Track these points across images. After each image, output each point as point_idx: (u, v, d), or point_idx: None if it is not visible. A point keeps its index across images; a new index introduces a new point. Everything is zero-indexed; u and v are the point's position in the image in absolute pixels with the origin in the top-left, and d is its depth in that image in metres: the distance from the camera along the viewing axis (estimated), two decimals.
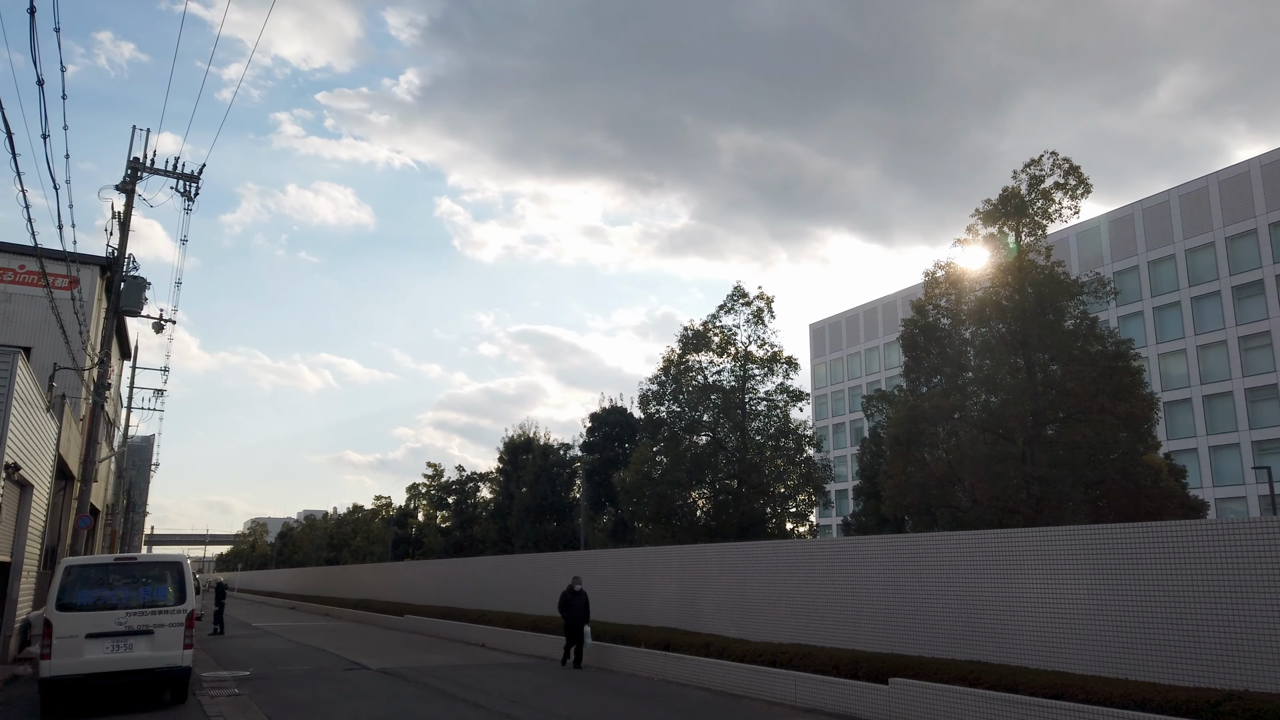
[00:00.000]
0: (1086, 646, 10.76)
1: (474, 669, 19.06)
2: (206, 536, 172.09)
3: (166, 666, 12.68)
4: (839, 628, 14.43)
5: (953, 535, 13.00)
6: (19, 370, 16.92)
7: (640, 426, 35.34)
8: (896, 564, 13.58)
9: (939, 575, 12.82)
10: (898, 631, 13.29)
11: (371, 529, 77.91)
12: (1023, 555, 11.82)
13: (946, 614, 12.61)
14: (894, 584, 13.53)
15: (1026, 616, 11.56)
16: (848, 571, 14.51)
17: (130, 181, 26.62)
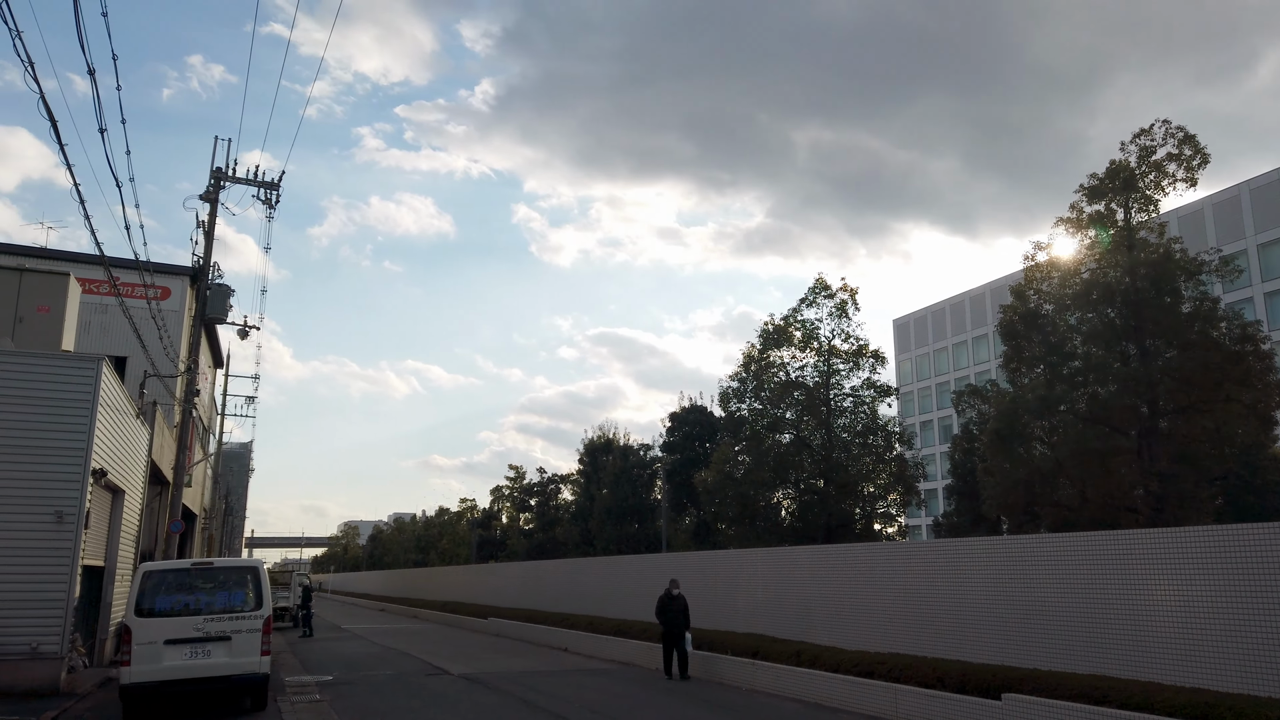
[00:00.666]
0: (1228, 660, 9.60)
1: (556, 675, 18.58)
2: (302, 539, 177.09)
3: (244, 673, 12.49)
4: (941, 636, 13.43)
5: (1071, 536, 11.89)
6: (104, 377, 17.12)
7: (721, 425, 34.50)
8: (1007, 567, 12.52)
9: (1055, 580, 11.74)
10: (1008, 641, 12.24)
11: (457, 531, 78.79)
12: (1149, 558, 10.69)
13: (1064, 622, 11.52)
14: (1004, 589, 12.48)
15: (1157, 626, 10.43)
16: (951, 576, 13.50)
17: (214, 191, 26.98)
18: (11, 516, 15.70)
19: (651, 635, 20.42)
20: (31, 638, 15.45)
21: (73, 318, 19.75)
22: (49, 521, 15.93)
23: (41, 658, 15.47)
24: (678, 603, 17.60)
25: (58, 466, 16.16)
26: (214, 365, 52.90)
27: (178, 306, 35.74)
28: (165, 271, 36.78)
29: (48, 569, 15.74)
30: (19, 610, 15.47)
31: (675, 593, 17.77)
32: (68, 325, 19.30)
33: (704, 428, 36.97)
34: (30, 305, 19.14)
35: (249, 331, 28.82)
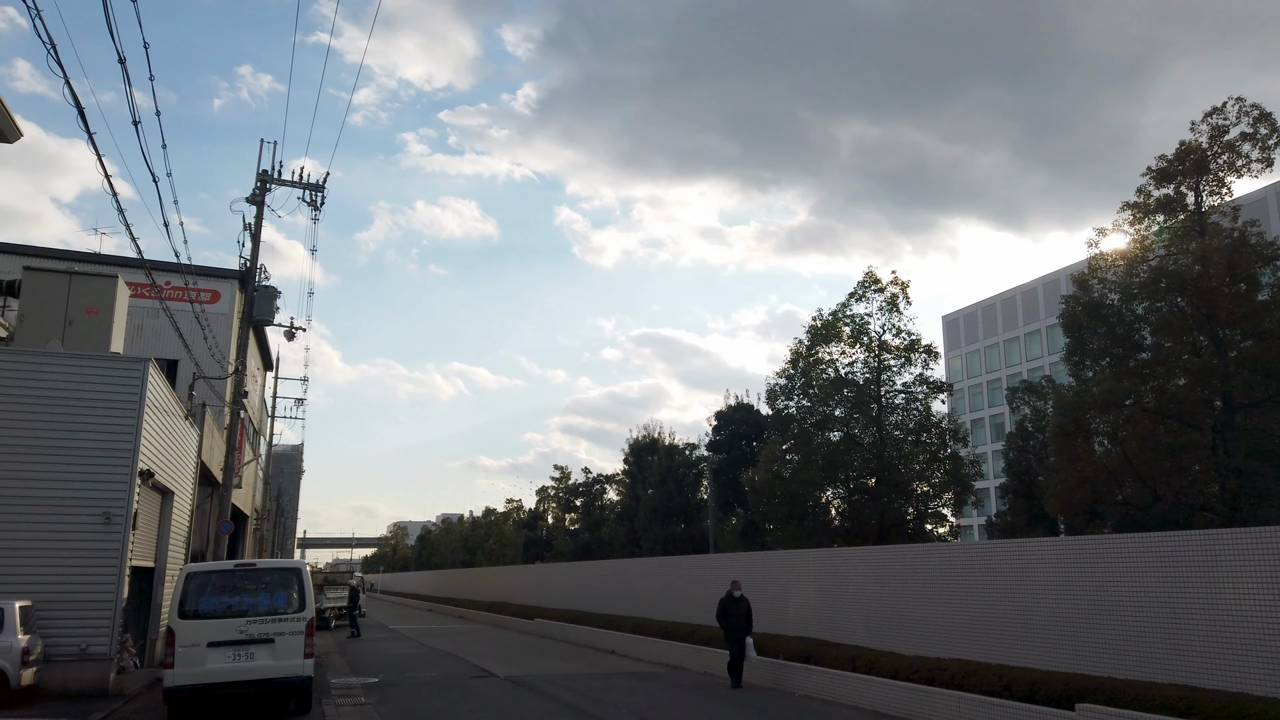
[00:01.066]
0: None
1: (603, 679, 18.22)
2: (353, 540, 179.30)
3: (287, 676, 12.31)
4: (1005, 642, 12.79)
5: (1148, 536, 11.20)
6: (150, 378, 17.15)
7: (768, 424, 33.87)
8: (1078, 569, 11.85)
9: (1131, 582, 11.05)
10: (1080, 647, 11.58)
11: (503, 532, 79.05)
12: (1235, 559, 9.98)
13: (1141, 628, 10.84)
14: (1074, 592, 11.81)
15: (1245, 632, 9.73)
16: (1016, 578, 12.85)
17: (260, 193, 27.09)
18: (61, 517, 15.76)
19: (700, 638, 19.97)
20: (81, 639, 15.49)
21: (121, 320, 19.86)
22: (97, 522, 15.97)
23: (91, 659, 15.51)
24: (740, 605, 16.60)
25: (105, 467, 16.20)
26: (264, 368, 53.57)
27: (227, 310, 36.08)
28: (214, 275, 37.18)
29: (96, 570, 15.78)
30: (69, 611, 15.52)
31: (737, 594, 16.78)
32: (116, 327, 19.39)
33: (751, 426, 36.35)
34: (79, 308, 19.26)
35: (295, 333, 28.93)
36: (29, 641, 14.09)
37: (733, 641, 16.47)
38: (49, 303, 18.92)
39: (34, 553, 15.47)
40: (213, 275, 36.96)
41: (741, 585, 17.10)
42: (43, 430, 15.94)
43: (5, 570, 15.21)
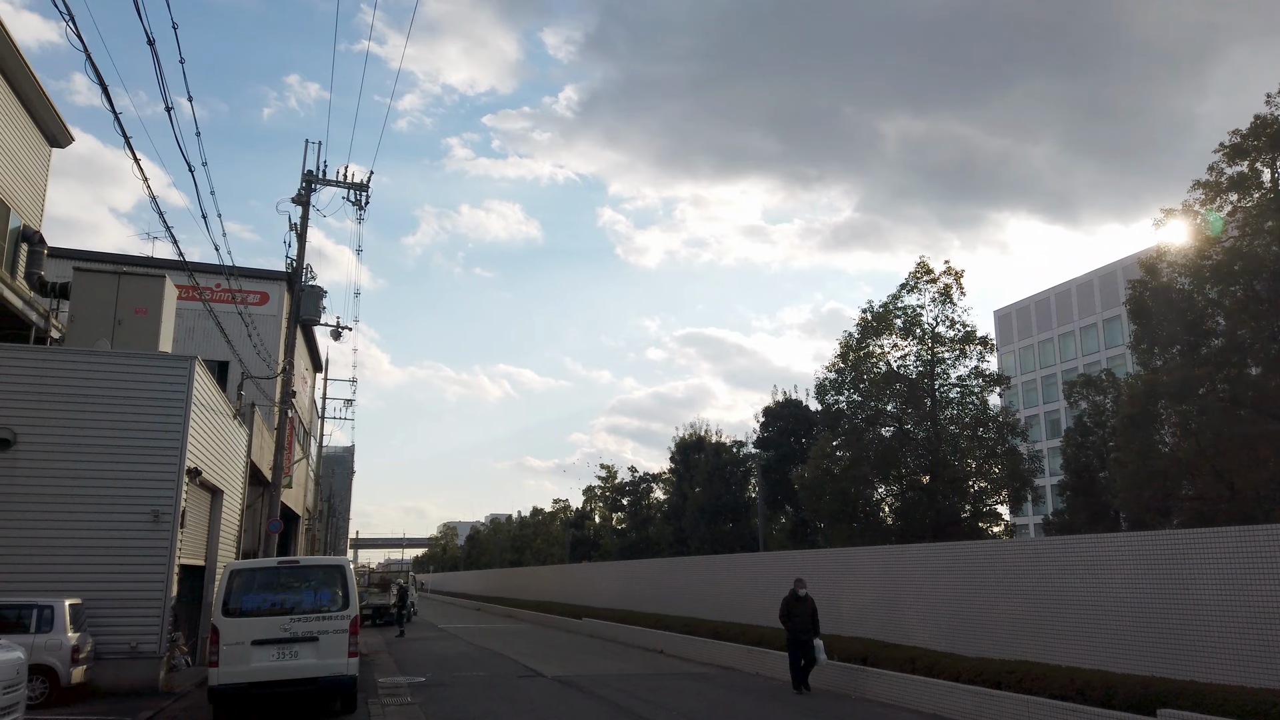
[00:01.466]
0: None
1: (652, 679, 17.83)
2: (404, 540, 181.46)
3: (331, 675, 12.11)
4: (1074, 643, 12.13)
5: (1235, 530, 10.48)
6: (197, 376, 17.16)
7: (817, 419, 33.15)
8: (1156, 565, 11.16)
9: (1215, 579, 10.36)
10: (1157, 648, 10.90)
11: (551, 531, 79.11)
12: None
13: (1226, 627, 10.15)
14: (1152, 589, 11.13)
15: None
16: (1087, 575, 12.18)
17: (305, 193, 27.17)
18: (110, 516, 15.81)
19: (751, 638, 19.49)
20: (131, 637, 15.52)
21: (169, 319, 19.97)
22: (146, 520, 16.00)
23: (141, 657, 15.53)
24: (805, 605, 15.67)
25: (153, 465, 16.23)
26: (313, 369, 54.17)
27: (275, 311, 36.39)
28: (263, 277, 37.53)
29: (145, 568, 15.81)
30: (119, 609, 15.55)
31: (802, 593, 15.84)
32: (164, 327, 19.50)
33: (799, 423, 35.66)
34: (128, 308, 19.39)
35: (342, 332, 28.96)
36: (79, 639, 14.13)
37: (797, 644, 15.52)
38: (98, 303, 19.09)
39: (84, 551, 15.54)
40: (261, 277, 37.32)
41: (806, 583, 16.16)
42: (91, 429, 16.01)
43: (56, 568, 15.29)
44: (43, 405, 15.88)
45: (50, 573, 15.22)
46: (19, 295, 19.21)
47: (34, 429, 15.73)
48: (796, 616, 15.56)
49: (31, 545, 15.32)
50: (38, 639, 13.71)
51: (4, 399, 15.74)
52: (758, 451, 35.53)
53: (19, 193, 21.44)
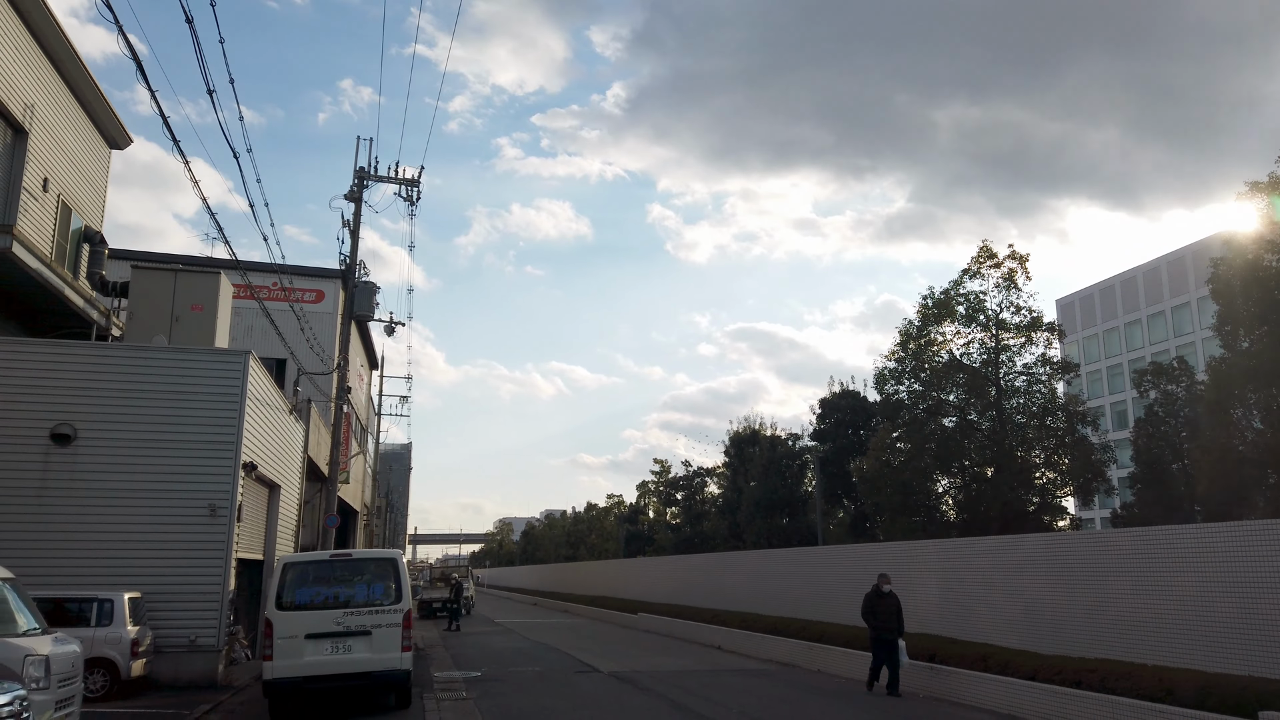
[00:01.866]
0: None
1: (710, 676, 17.43)
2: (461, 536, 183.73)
3: (385, 669, 11.94)
4: (1158, 639, 11.43)
5: None
6: (251, 370, 17.20)
7: (876, 410, 32.36)
8: (1250, 559, 10.43)
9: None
10: (1256, 646, 10.17)
11: (605, 526, 79.11)
12: None
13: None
14: (1251, 583, 10.39)
15: None
16: (1170, 570, 11.46)
17: (357, 190, 27.28)
18: (167, 510, 15.90)
19: (812, 634, 18.96)
20: (190, 630, 15.59)
21: (225, 315, 20.11)
22: (203, 514, 16.07)
23: (200, 650, 15.61)
24: (889, 602, 14.65)
25: (209, 460, 16.30)
26: (369, 366, 54.78)
27: (331, 309, 36.74)
28: (318, 275, 37.93)
29: (203, 562, 15.87)
30: (177, 603, 15.64)
31: (886, 589, 14.87)
32: (220, 323, 19.64)
33: (857, 414, 34.81)
34: (185, 305, 19.57)
35: (395, 327, 29.06)
36: (138, 633, 14.21)
37: (881, 643, 14.46)
38: (156, 301, 19.30)
39: (143, 545, 15.65)
40: (317, 275, 37.72)
41: (890, 579, 15.22)
42: (149, 423, 16.12)
43: (116, 562, 15.42)
44: (101, 401, 16.03)
45: (110, 566, 15.35)
46: (80, 294, 19.49)
47: (93, 424, 15.89)
48: (881, 614, 14.57)
49: (92, 539, 15.47)
50: (98, 632, 13.83)
51: (64, 395, 15.92)
52: (814, 444, 34.81)
53: (80, 194, 21.81)
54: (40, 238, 19.56)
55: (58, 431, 15.70)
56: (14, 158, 19.13)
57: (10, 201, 19.02)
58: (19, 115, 18.64)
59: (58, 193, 20.60)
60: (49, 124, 19.80)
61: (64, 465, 15.68)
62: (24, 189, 19.06)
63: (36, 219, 19.54)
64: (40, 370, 16.00)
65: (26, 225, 18.90)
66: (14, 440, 15.57)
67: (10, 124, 18.67)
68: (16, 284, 17.57)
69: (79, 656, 10.08)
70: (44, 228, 20.02)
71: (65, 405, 15.83)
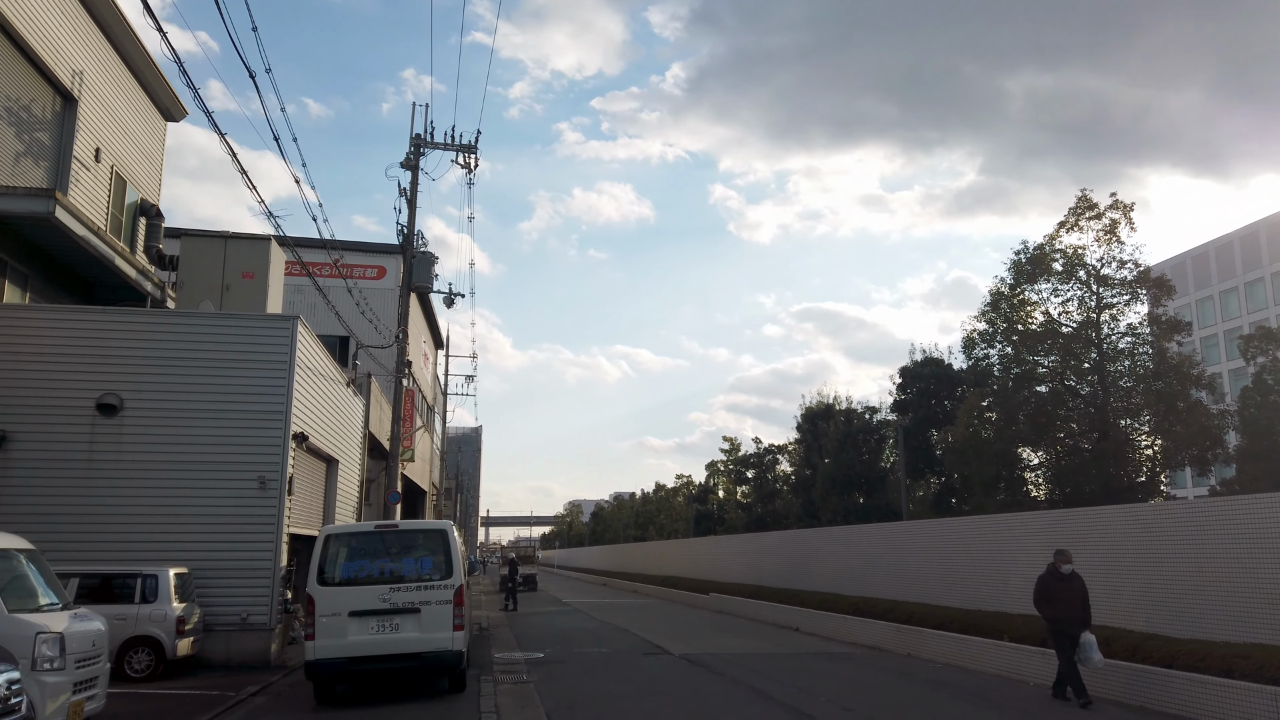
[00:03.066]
0: None
1: (789, 659, 16.10)
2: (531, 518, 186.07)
3: (435, 650, 10.91)
4: None
5: None
6: (300, 337, 16.38)
7: (962, 378, 30.40)
8: None
9: None
10: None
11: (674, 507, 78.17)
12: None
13: None
14: None
15: None
16: None
17: (414, 158, 26.49)
18: (216, 482, 15.20)
19: (900, 615, 17.46)
20: (241, 608, 14.89)
21: (277, 283, 19.40)
22: (252, 487, 15.34)
23: (252, 628, 14.90)
24: (1072, 586, 11.57)
25: (258, 429, 15.54)
26: (434, 346, 54.48)
27: (393, 285, 36.18)
28: (379, 251, 37.45)
29: (253, 536, 15.15)
30: (227, 579, 14.95)
31: (1066, 570, 11.67)
32: (272, 290, 18.92)
33: (941, 383, 32.76)
34: (235, 273, 18.91)
35: (454, 299, 28.20)
36: (184, 610, 13.50)
37: (1064, 637, 11.37)
38: (206, 269, 18.68)
39: (191, 519, 14.99)
40: (377, 251, 37.23)
41: (1070, 557, 11.91)
42: (196, 393, 15.43)
43: (164, 537, 14.78)
44: (147, 370, 15.39)
45: (159, 541, 14.72)
46: (133, 265, 18.96)
47: (139, 394, 15.26)
48: (1061, 602, 11.51)
49: (140, 513, 14.86)
50: (142, 609, 13.15)
51: (109, 364, 15.32)
52: (895, 417, 32.90)
53: (135, 166, 21.36)
54: (94, 210, 19.11)
55: (104, 402, 15.10)
56: (64, 126, 18.66)
57: (61, 171, 18.56)
58: (67, 82, 18.13)
59: (111, 164, 20.14)
60: (99, 92, 19.30)
61: (110, 436, 15.08)
62: (75, 159, 18.59)
63: (89, 190, 19.08)
64: (85, 338, 15.41)
65: (79, 196, 18.43)
66: (60, 411, 15.01)
67: (59, 91, 18.18)
68: (66, 253, 17.05)
69: (102, 634, 9.24)
70: (98, 199, 19.56)
71: (111, 374, 15.23)
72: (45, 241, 16.52)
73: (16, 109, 16.94)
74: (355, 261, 36.50)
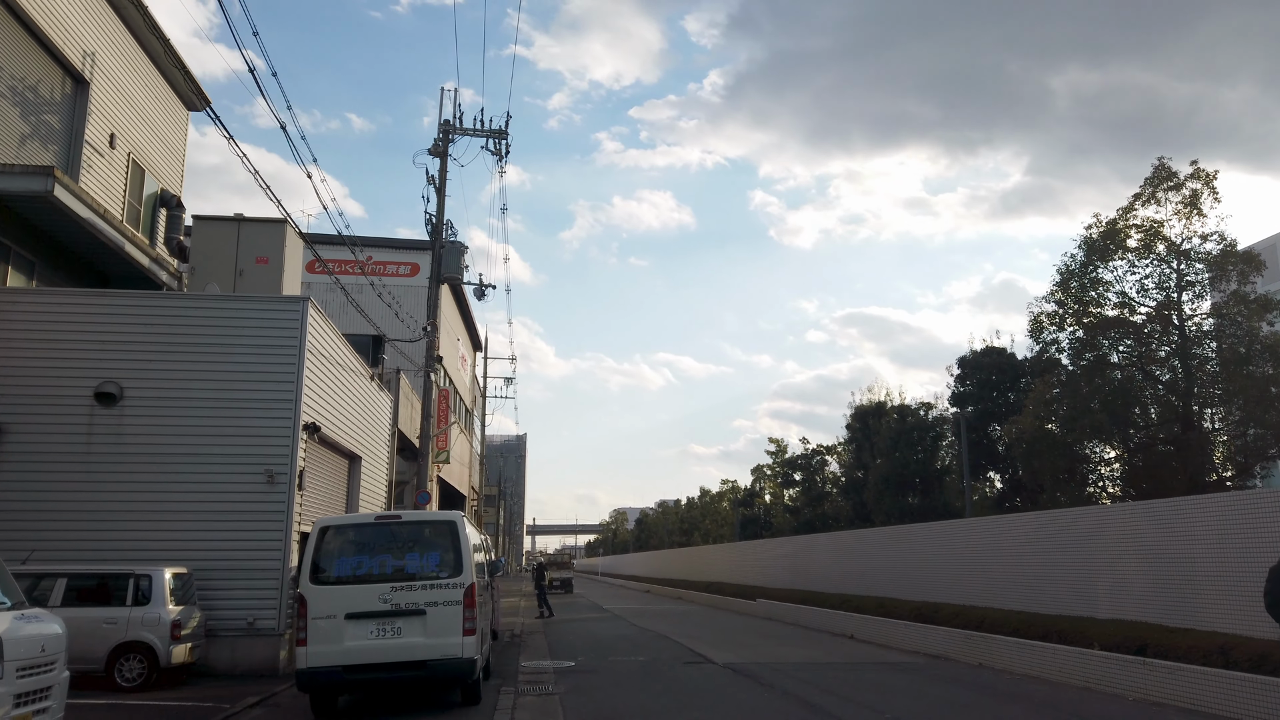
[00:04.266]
0: None
1: (845, 669, 14.52)
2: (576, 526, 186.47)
3: (443, 658, 9.56)
4: None
5: None
6: (311, 320, 15.23)
7: (1027, 367, 28.35)
8: None
9: None
10: None
11: (719, 511, 76.50)
12: None
13: None
14: None
15: None
16: None
17: (442, 144, 25.48)
18: (222, 476, 14.09)
19: (968, 621, 15.77)
20: (247, 612, 13.74)
21: (294, 269, 18.36)
22: (259, 481, 14.20)
23: (259, 634, 13.73)
24: None
25: (265, 420, 14.41)
26: (475, 349, 53.56)
27: (426, 282, 35.26)
28: (411, 247, 36.59)
29: (260, 535, 13.99)
30: (232, 581, 13.80)
31: None
32: (288, 275, 17.88)
33: (1004, 373, 30.67)
34: (249, 257, 17.94)
35: (485, 291, 27.06)
36: (181, 614, 12.35)
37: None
38: (218, 253, 17.75)
39: (194, 515, 13.89)
40: (409, 248, 36.37)
41: None
42: (198, 380, 14.35)
43: (164, 533, 13.70)
44: (148, 356, 14.35)
45: (160, 539, 13.65)
46: (146, 253, 18.05)
47: (140, 382, 14.22)
48: None
49: (140, 509, 13.80)
50: (134, 613, 12.03)
51: (108, 350, 14.31)
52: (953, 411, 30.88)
53: (155, 155, 20.57)
54: (110, 198, 18.31)
55: (102, 390, 14.08)
56: (75, 109, 17.84)
57: (72, 156, 17.73)
58: (77, 63, 17.30)
59: (128, 151, 19.33)
60: (113, 75, 18.50)
61: (109, 427, 14.05)
62: (87, 143, 17.75)
63: (104, 177, 18.25)
64: (82, 323, 14.42)
65: (92, 182, 17.60)
66: (56, 401, 14.03)
67: (69, 72, 17.36)
68: (72, 239, 16.13)
69: (57, 638, 8.04)
70: (113, 187, 18.74)
71: (109, 361, 14.21)
72: (49, 225, 15.62)
73: (22, 88, 16.09)
74: (387, 259, 35.68)
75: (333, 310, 32.61)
